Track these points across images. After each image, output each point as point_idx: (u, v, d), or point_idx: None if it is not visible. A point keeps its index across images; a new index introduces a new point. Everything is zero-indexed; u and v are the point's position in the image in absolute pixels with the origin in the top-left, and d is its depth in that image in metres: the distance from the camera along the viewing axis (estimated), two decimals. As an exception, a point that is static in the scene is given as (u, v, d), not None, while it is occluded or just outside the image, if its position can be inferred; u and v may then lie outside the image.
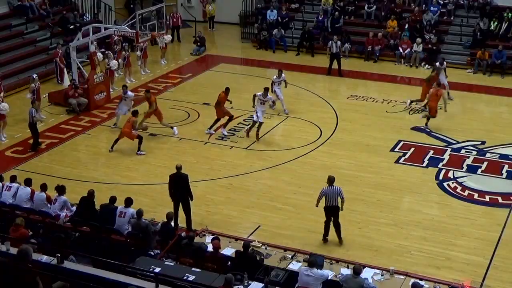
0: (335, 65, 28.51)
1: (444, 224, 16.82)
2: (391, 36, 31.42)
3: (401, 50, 30.48)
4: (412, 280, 12.84)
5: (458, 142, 21.49)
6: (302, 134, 22.01)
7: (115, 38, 28.25)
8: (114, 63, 26.15)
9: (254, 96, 21.61)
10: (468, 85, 27.39)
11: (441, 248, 15.69)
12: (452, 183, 18.98)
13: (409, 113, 24.10)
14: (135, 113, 21.02)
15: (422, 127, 22.38)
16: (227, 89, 22.18)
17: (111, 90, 25.65)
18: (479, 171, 19.73)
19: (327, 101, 25.17)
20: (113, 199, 15.44)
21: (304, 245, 14.84)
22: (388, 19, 32.12)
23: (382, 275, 13.31)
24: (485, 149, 21.04)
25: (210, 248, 13.77)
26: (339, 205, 15.53)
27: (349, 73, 28.63)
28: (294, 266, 13.55)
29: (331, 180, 15.60)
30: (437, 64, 25.40)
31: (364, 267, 13.35)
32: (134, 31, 24.59)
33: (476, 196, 18.30)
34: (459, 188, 18.68)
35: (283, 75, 23.63)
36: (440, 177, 19.29)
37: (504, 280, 14.43)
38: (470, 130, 22.56)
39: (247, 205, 17.77)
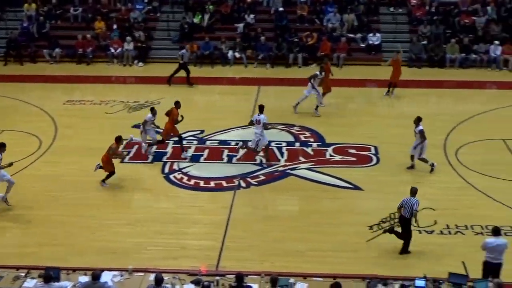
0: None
1: (175, 215, 17.22)
2: (101, 36, 31.30)
3: (113, 50, 30.51)
4: (152, 275, 12.95)
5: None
6: (21, 147, 20.99)
7: None
8: None
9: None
10: (181, 78, 28.19)
11: (175, 239, 16.04)
12: (178, 174, 19.49)
13: (128, 111, 24.28)
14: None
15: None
16: (178, 103, 20.62)
17: None
18: (201, 159, 20.49)
19: (42, 109, 24.39)
20: None
21: (37, 260, 14.27)
22: (95, 20, 31.92)
23: (121, 275, 13.28)
24: (204, 138, 21.88)
25: None
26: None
27: (63, 78, 28.04)
28: (29, 284, 12.94)
29: (413, 191, 15.20)
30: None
31: (103, 270, 13.18)
32: None
33: (202, 183, 18.98)
34: (185, 178, 19.23)
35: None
36: (166, 170, 19.72)
37: (237, 258, 15.14)
38: (189, 121, 23.19)
39: (-32, 229, 16.64)
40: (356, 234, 16.14)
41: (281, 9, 32.37)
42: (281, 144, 21.38)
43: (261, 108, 20.06)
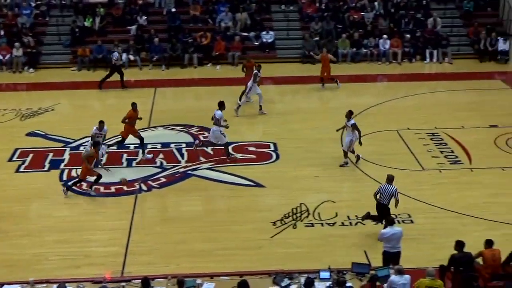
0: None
1: (77, 223, 16.85)
2: (-12, 43, 30.28)
3: (0, 57, 29.55)
4: (54, 285, 12.67)
5: (75, 140, 21.63)
6: None
7: None
8: None
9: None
10: (74, 83, 27.67)
11: (78, 247, 15.70)
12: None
13: (20, 119, 23.59)
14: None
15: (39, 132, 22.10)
16: (134, 104, 20.47)
17: None
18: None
19: None
20: None
21: None
22: (-21, 26, 30.85)
23: (22, 288, 12.91)
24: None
25: None
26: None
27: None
28: None
29: (389, 179, 15.57)
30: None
31: (3, 285, 12.80)
32: None
33: (102, 189, 18.63)
34: (85, 185, 18.82)
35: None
36: (64, 178, 19.26)
37: (142, 262, 15.00)
38: (85, 127, 22.72)
39: None
40: (260, 231, 16.29)
41: (173, 9, 32.22)
42: (180, 145, 21.30)
43: (220, 104, 20.17)
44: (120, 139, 20.69)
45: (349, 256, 14.43)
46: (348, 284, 12.47)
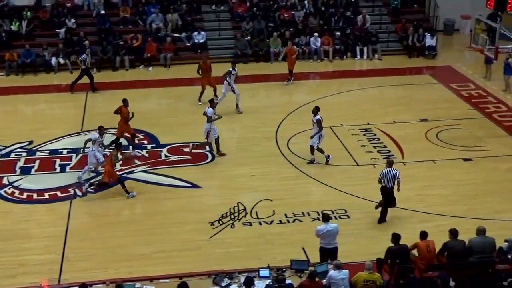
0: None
1: (10, 231, 16.49)
2: None
3: None
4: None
5: (6, 147, 21.16)
6: None
7: None
8: None
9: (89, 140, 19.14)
10: (3, 89, 27.03)
11: (12, 256, 15.38)
12: (9, 189, 18.68)
13: None
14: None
15: None
16: (126, 101, 20.82)
17: None
18: (33, 171, 19.75)
19: None
20: None
21: None
22: None
23: (-44, 302, 12.58)
24: (34, 148, 21.10)
25: None
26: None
27: None
28: None
29: (389, 163, 16.45)
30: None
31: None
32: None
33: (35, 196, 18.31)
34: (17, 192, 18.46)
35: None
36: (-4, 185, 18.86)
37: (80, 269, 14.79)
38: (15, 133, 22.32)
39: None
40: (198, 232, 16.28)
41: (102, 12, 31.73)
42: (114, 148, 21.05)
43: (210, 101, 20.46)
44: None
45: (287, 254, 14.53)
46: (288, 281, 12.57)
